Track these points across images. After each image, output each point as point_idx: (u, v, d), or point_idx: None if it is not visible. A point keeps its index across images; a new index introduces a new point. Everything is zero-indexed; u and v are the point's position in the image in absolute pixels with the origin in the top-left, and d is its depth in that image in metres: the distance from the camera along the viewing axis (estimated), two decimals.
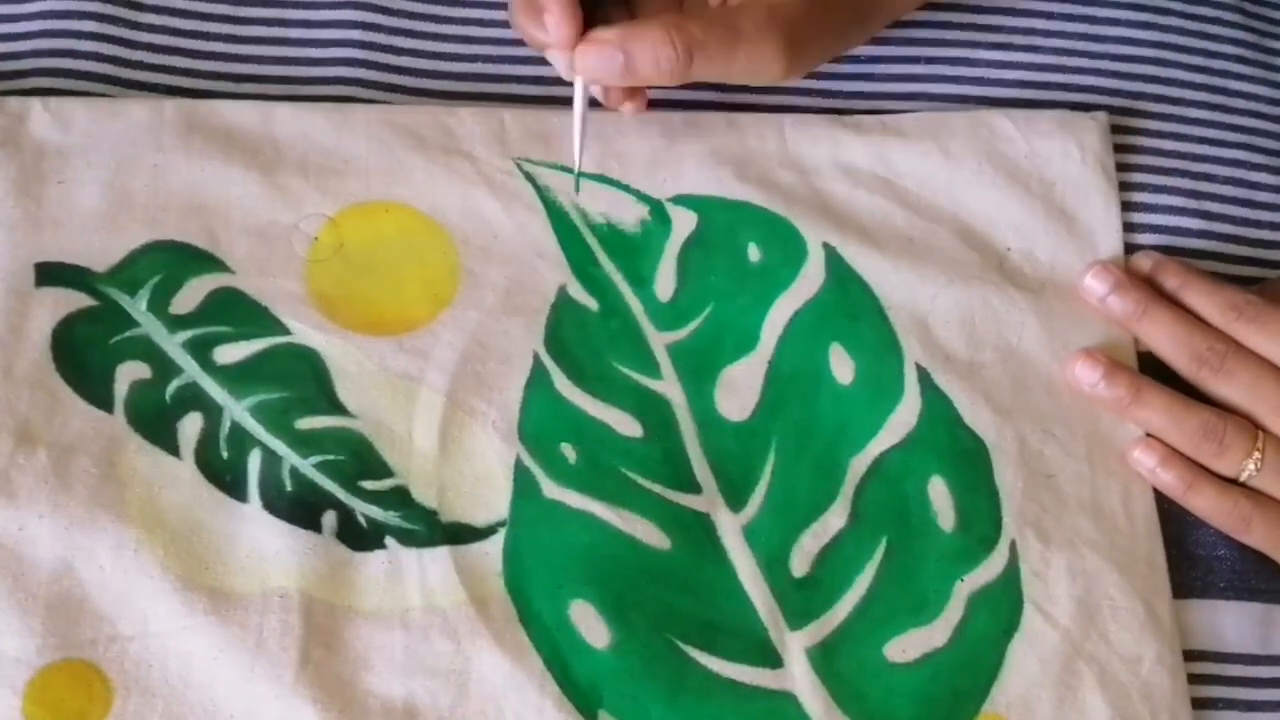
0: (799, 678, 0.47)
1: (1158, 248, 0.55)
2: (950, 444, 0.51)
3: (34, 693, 0.44)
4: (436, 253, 0.52)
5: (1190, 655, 0.49)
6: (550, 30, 0.48)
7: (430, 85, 0.57)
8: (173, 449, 0.48)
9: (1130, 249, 0.55)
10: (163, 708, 0.45)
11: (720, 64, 0.49)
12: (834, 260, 0.53)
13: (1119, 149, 0.57)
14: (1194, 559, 0.51)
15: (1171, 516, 0.51)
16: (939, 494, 0.50)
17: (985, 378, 0.52)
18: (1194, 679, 0.49)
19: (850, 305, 0.53)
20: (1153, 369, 0.53)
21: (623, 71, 0.48)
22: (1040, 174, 0.55)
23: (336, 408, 0.50)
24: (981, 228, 0.55)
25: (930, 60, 0.59)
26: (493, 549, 0.48)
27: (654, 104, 0.55)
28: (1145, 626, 0.49)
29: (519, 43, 0.57)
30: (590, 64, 0.48)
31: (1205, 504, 0.50)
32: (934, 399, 0.51)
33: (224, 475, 0.48)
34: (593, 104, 0.53)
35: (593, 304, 0.52)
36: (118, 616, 0.46)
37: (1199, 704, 0.48)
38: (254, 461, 0.48)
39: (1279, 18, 0.62)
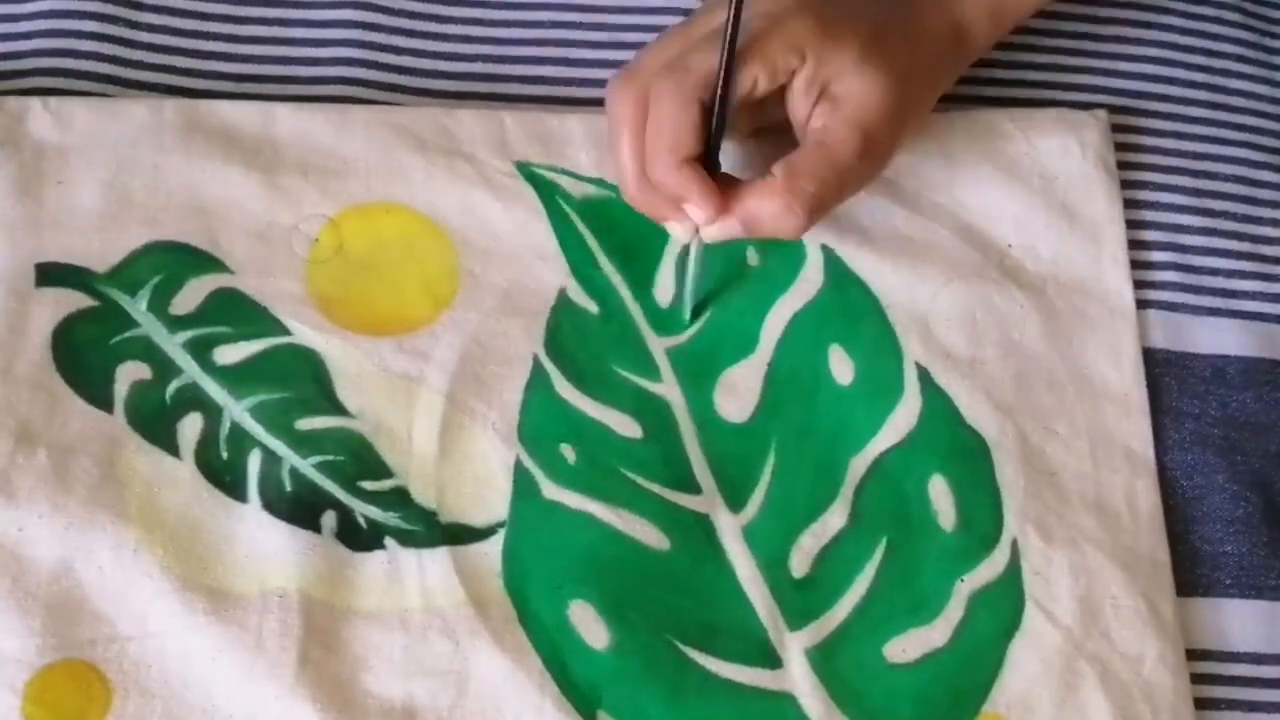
0: (798, 678, 0.47)
1: (1160, 245, 0.55)
2: (951, 442, 0.50)
3: (33, 693, 0.44)
4: (436, 254, 0.52)
5: (1194, 654, 0.49)
6: (696, 217, 0.48)
7: (430, 85, 0.57)
8: (172, 449, 0.48)
9: (1134, 246, 0.55)
10: (161, 708, 0.45)
11: (833, 205, 0.49)
12: (832, 262, 0.53)
13: (1120, 148, 0.57)
14: (1199, 555, 0.51)
15: (1177, 513, 0.51)
16: (939, 493, 0.50)
17: (986, 375, 0.52)
18: (1198, 678, 0.49)
19: (849, 306, 0.52)
20: (1154, 368, 0.53)
21: (746, 235, 0.49)
22: (1040, 170, 0.55)
23: (336, 408, 0.50)
24: (981, 225, 0.54)
25: None
26: (492, 550, 0.48)
27: None
28: (1148, 625, 0.48)
29: (519, 43, 0.57)
30: (717, 235, 0.49)
31: None
32: (934, 398, 0.51)
33: (224, 475, 0.48)
34: None
35: (592, 307, 0.52)
36: (117, 617, 0.46)
37: (1202, 704, 0.48)
38: (254, 462, 0.48)
39: (1279, 17, 0.62)
